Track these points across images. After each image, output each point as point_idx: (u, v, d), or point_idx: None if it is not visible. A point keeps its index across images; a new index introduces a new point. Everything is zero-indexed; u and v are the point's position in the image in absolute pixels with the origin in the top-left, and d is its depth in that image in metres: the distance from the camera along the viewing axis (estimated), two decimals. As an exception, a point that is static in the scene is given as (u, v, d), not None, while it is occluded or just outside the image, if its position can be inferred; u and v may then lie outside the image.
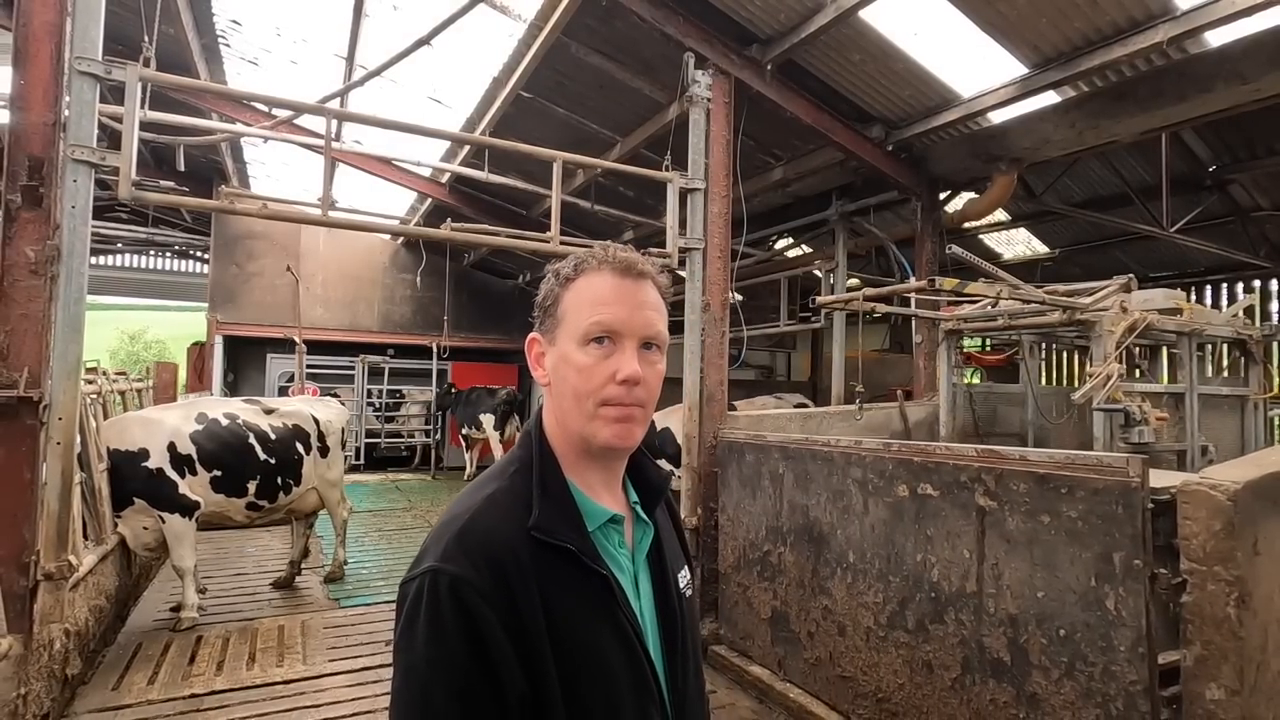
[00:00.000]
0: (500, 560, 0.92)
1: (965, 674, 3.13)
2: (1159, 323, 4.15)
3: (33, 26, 3.38)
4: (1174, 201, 7.42)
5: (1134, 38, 4.33)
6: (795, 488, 4.26)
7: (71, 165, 3.41)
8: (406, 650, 0.91)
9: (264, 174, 11.99)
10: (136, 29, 5.62)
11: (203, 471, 5.11)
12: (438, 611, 0.89)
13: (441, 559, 0.92)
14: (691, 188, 5.12)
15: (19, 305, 3.32)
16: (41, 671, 3.45)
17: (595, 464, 1.07)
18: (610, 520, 1.06)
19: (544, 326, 1.08)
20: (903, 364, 13.62)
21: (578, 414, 1.02)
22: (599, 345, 1.01)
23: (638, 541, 1.11)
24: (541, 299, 1.09)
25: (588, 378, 1.01)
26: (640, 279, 1.06)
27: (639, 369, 1.01)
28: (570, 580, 0.97)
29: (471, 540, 0.94)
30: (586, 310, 1.02)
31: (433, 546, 0.96)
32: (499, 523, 0.97)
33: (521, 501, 1.00)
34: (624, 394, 1.01)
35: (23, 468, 3.32)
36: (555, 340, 1.05)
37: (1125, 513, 2.53)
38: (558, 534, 0.97)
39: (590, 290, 1.03)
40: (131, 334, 33.96)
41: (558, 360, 1.04)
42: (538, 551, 0.96)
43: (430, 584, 0.90)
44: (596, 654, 0.96)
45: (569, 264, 1.08)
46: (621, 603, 1.00)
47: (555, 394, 1.06)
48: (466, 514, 0.98)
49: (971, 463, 3.15)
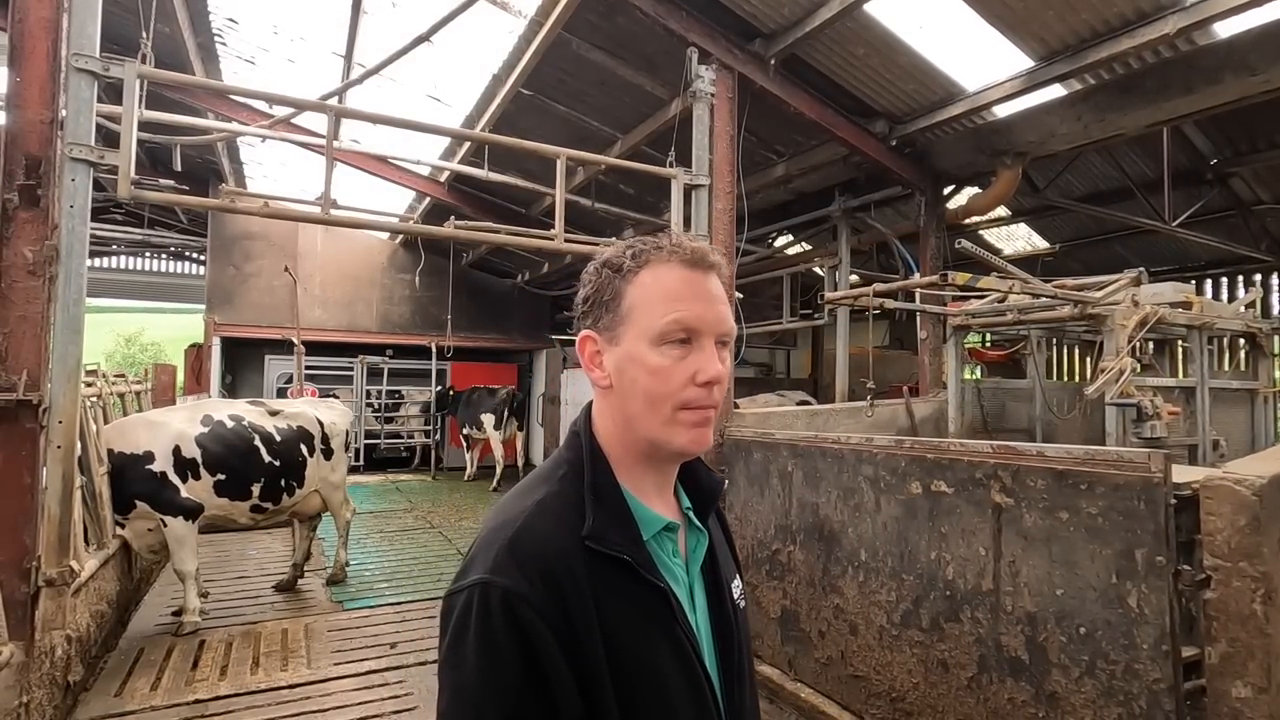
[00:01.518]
0: (554, 572, 0.87)
1: (982, 673, 3.10)
2: (1170, 316, 4.13)
3: (29, 22, 3.32)
4: (1175, 195, 7.40)
5: (1142, 29, 4.30)
6: (805, 486, 4.22)
7: (70, 164, 3.35)
8: (455, 668, 0.85)
9: (260, 174, 11.90)
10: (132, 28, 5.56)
11: (206, 475, 5.05)
12: (489, 627, 0.83)
13: (493, 570, 0.86)
14: (696, 184, 5.08)
15: (17, 307, 3.27)
16: (44, 679, 3.40)
17: (653, 469, 1.01)
18: (665, 528, 1.00)
19: (602, 324, 1.00)
20: (903, 361, 13.61)
21: (652, 418, 0.96)
22: (677, 346, 0.95)
23: (691, 550, 1.05)
24: (593, 293, 1.01)
25: (665, 380, 0.94)
26: (710, 270, 0.99)
27: (721, 368, 0.96)
28: (625, 593, 0.91)
29: (524, 551, 0.88)
30: (660, 307, 0.95)
31: (481, 555, 0.90)
32: (551, 531, 0.91)
33: (573, 507, 0.94)
34: (705, 396, 0.95)
35: (23, 472, 3.27)
36: (619, 339, 0.98)
37: (1147, 509, 2.49)
38: (613, 543, 0.92)
39: (660, 285, 0.96)
40: (127, 336, 33.78)
41: (624, 361, 0.97)
42: (592, 562, 0.90)
43: (481, 597, 0.85)
44: (654, 672, 0.90)
45: (625, 254, 1.00)
46: (679, 617, 0.95)
47: (621, 395, 0.98)
48: (518, 520, 0.92)
49: (987, 459, 3.11)
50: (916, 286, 4.48)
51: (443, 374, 13.82)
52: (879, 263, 9.99)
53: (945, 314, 5.29)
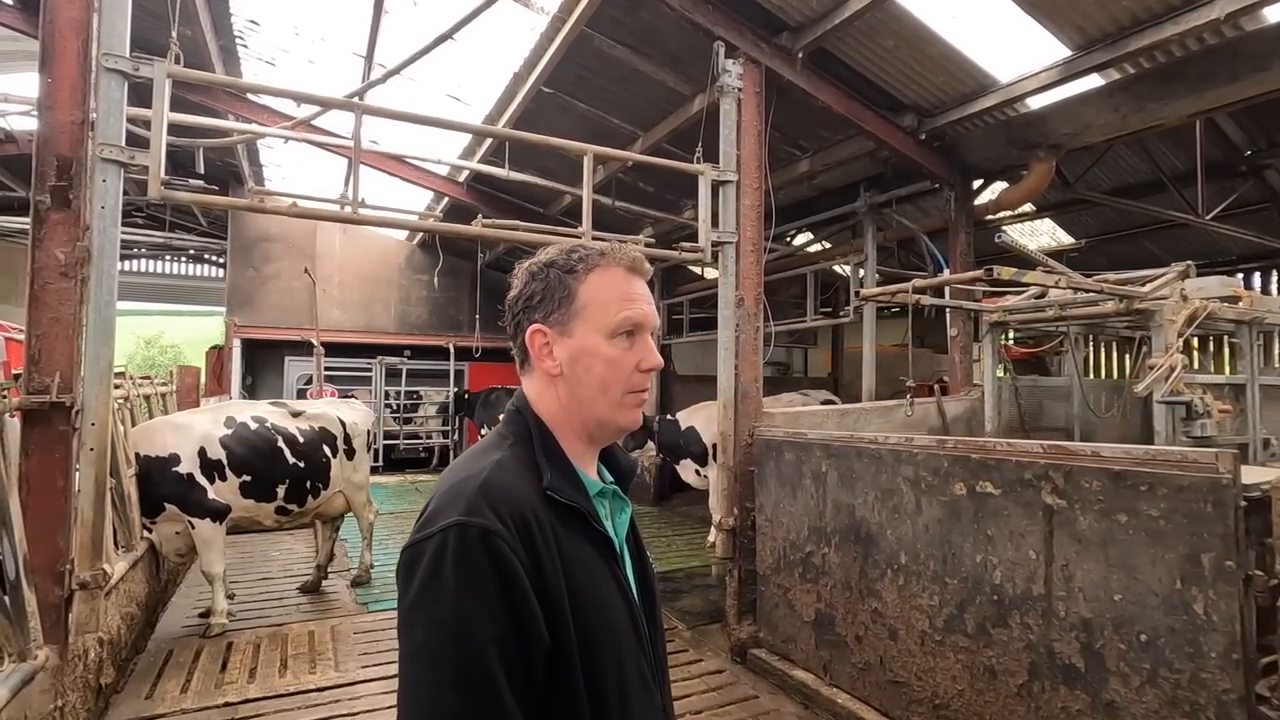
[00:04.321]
0: (522, 515, 0.94)
1: (1033, 680, 3.00)
2: (1220, 311, 3.99)
3: (59, 23, 3.30)
4: (1208, 188, 7.21)
5: (1187, 15, 4.16)
6: (840, 486, 4.13)
7: (101, 165, 3.33)
8: (430, 605, 0.87)
9: (279, 176, 11.95)
10: (155, 31, 5.56)
11: (232, 477, 5.04)
12: (471, 561, 0.88)
13: (467, 512, 0.91)
14: (724, 180, 4.99)
15: (49, 309, 3.25)
16: (77, 682, 3.38)
17: (589, 445, 1.14)
18: (599, 493, 1.12)
19: (553, 319, 1.10)
20: (923, 359, 13.43)
21: (604, 402, 1.09)
22: (625, 339, 1.09)
23: (618, 517, 1.17)
24: (542, 290, 1.11)
25: (618, 369, 1.08)
26: (645, 276, 1.15)
27: (660, 358, 1.13)
28: (581, 539, 1.02)
29: (495, 495, 0.95)
30: (615, 305, 1.09)
31: (450, 504, 0.94)
32: (515, 483, 0.99)
33: (528, 466, 1.04)
34: (645, 381, 1.12)
35: (56, 475, 3.25)
36: (572, 332, 1.09)
37: (1215, 511, 2.39)
38: (569, 495, 1.02)
39: (612, 286, 1.10)
40: (147, 339, 34.12)
41: (578, 352, 1.09)
42: (552, 509, 1.00)
43: (458, 536, 0.89)
44: (606, 611, 1.00)
45: (571, 258, 1.12)
46: (619, 564, 1.08)
47: (573, 383, 1.10)
48: (481, 474, 0.99)
49: (1037, 459, 3.02)
50: (959, 281, 4.36)
51: (460, 374, 13.81)
52: (900, 259, 9.85)
53: (981, 310, 5.16)
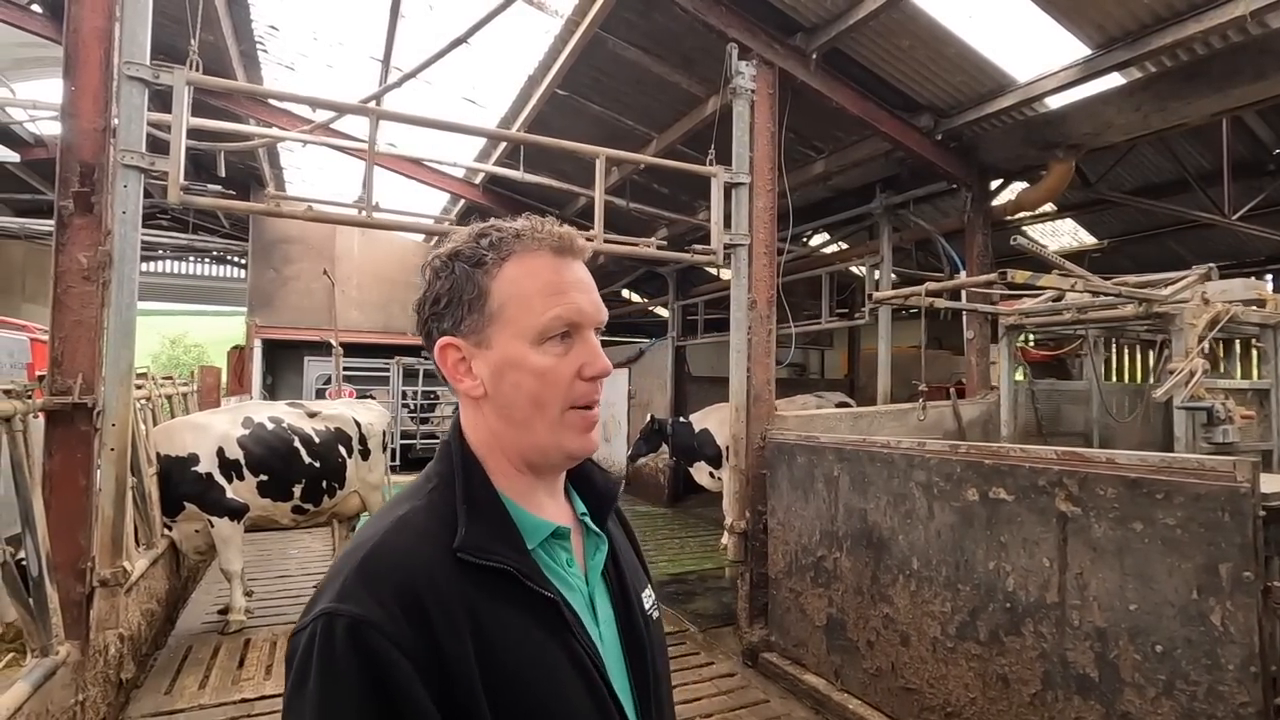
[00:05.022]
0: (414, 592, 0.76)
1: (1046, 689, 2.96)
2: (1243, 315, 3.91)
3: (83, 33, 3.38)
4: (1234, 187, 7.06)
5: (1211, 13, 4.07)
6: (852, 491, 4.11)
7: (122, 170, 3.40)
8: (298, 714, 0.73)
9: (299, 179, 12.11)
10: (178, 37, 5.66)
11: (250, 476, 5.12)
12: (332, 664, 0.72)
13: (338, 598, 0.75)
14: (736, 182, 4.98)
15: (72, 312, 3.33)
16: (98, 677, 3.46)
17: (538, 476, 0.92)
18: (554, 535, 0.90)
19: (464, 327, 0.89)
20: (940, 361, 13.28)
21: (540, 423, 0.88)
22: (559, 341, 0.87)
23: (590, 558, 0.96)
24: (448, 292, 0.89)
25: (552, 381, 0.87)
26: (580, 255, 0.92)
27: (608, 361, 0.90)
28: (509, 607, 0.82)
29: (376, 572, 0.78)
30: (538, 302, 0.86)
31: (329, 585, 0.79)
32: (413, 548, 0.81)
33: (443, 521, 0.84)
34: (591, 391, 0.89)
35: (78, 474, 3.33)
36: (489, 342, 0.88)
37: (1233, 520, 2.34)
38: (491, 554, 0.82)
39: (534, 277, 0.87)
40: (172, 338, 34.77)
41: (501, 366, 0.87)
42: (466, 577, 0.80)
43: (324, 630, 0.73)
44: (546, 693, 0.81)
45: (481, 244, 0.89)
46: (575, 629, 0.85)
47: (501, 403, 0.89)
48: (371, 541, 0.82)
49: (1051, 465, 2.98)
50: (973, 285, 4.31)
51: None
52: (918, 260, 9.75)
53: (997, 313, 5.09)
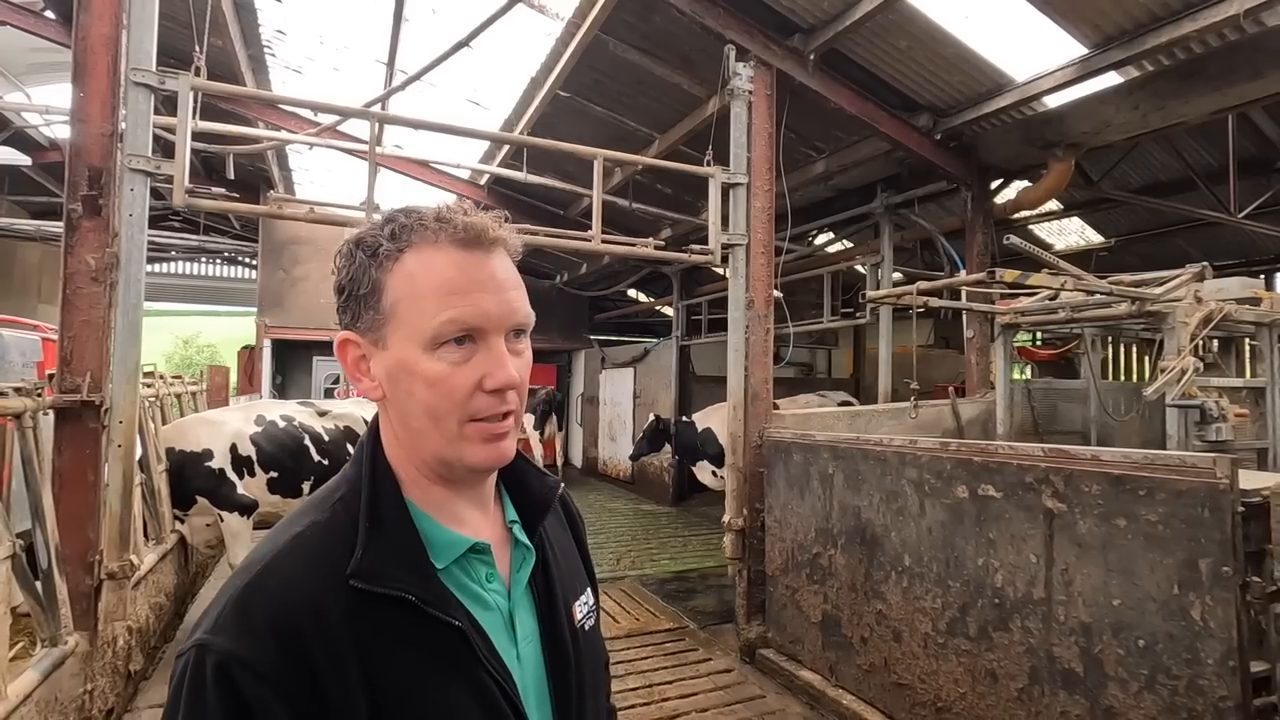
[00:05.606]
0: (294, 627, 0.72)
1: (1033, 684, 2.99)
2: (1237, 313, 3.91)
3: (90, 40, 3.47)
4: (1241, 185, 7.03)
5: (1205, 12, 4.08)
6: (846, 488, 4.14)
7: (129, 174, 3.49)
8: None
9: (308, 180, 12.25)
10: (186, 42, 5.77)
11: (260, 473, 5.23)
12: (199, 702, 0.70)
13: (213, 630, 0.72)
14: (734, 183, 5.03)
15: (81, 312, 3.42)
16: (106, 668, 3.55)
17: (453, 486, 0.86)
18: (472, 550, 0.85)
19: (362, 323, 0.83)
20: (948, 360, 13.26)
21: (435, 436, 0.81)
22: (457, 346, 0.80)
23: (516, 570, 0.90)
24: (348, 283, 0.83)
25: (446, 392, 0.79)
26: (493, 249, 0.83)
27: (514, 372, 0.82)
28: (406, 638, 0.77)
29: (256, 602, 0.73)
30: (431, 303, 0.79)
31: (211, 609, 0.76)
32: (302, 573, 0.76)
33: (340, 540, 0.78)
34: (496, 404, 0.81)
35: (86, 470, 3.42)
36: (385, 342, 0.81)
37: (1212, 516, 2.37)
38: (388, 579, 0.77)
39: (431, 274, 0.79)
40: (185, 338, 35.16)
41: (395, 369, 0.81)
42: (358, 606, 0.75)
43: (195, 664, 0.71)
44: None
45: (383, 232, 0.82)
46: (485, 656, 0.80)
47: (398, 409, 0.83)
48: (259, 563, 0.78)
49: (1038, 463, 3.00)
50: (962, 284, 4.33)
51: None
52: (923, 259, 9.75)
53: (993, 312, 5.11)
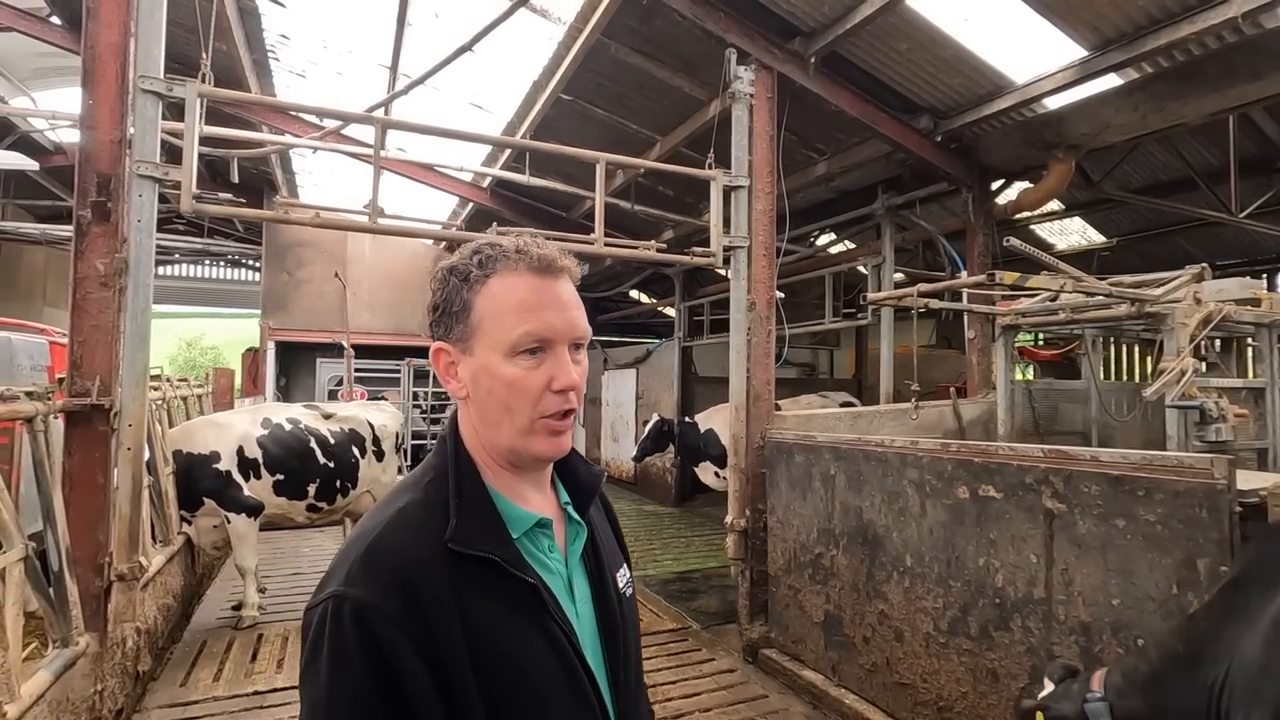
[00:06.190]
0: (411, 580, 0.88)
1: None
2: (1236, 314, 3.93)
3: (99, 48, 3.52)
4: (1243, 185, 7.05)
5: (1204, 14, 4.10)
6: (848, 489, 4.17)
7: (137, 180, 3.54)
8: (311, 683, 0.86)
9: (312, 184, 12.32)
10: (192, 48, 5.82)
11: (266, 475, 5.27)
12: (341, 641, 0.85)
13: (345, 583, 0.88)
14: (735, 185, 5.06)
15: (90, 316, 3.46)
16: (115, 668, 3.59)
17: (521, 471, 1.05)
18: (537, 525, 1.03)
19: (454, 335, 1.01)
20: (950, 360, 13.26)
21: (510, 429, 0.99)
22: (530, 355, 0.97)
23: (570, 543, 1.08)
24: (443, 302, 1.01)
25: (521, 392, 0.97)
26: (560, 275, 1.02)
27: (576, 376, 1.00)
28: (493, 592, 0.93)
29: (378, 560, 0.90)
30: (511, 319, 0.97)
31: (338, 569, 0.92)
32: (411, 538, 0.93)
33: (436, 514, 0.95)
34: (561, 402, 0.99)
35: (96, 473, 3.46)
36: (472, 350, 0.99)
37: (1210, 517, 2.39)
38: (477, 544, 0.94)
39: (510, 295, 0.98)
40: (189, 340, 35.28)
41: (479, 372, 0.99)
42: (456, 565, 0.92)
43: (334, 610, 0.86)
44: (525, 666, 0.93)
45: (472, 261, 1.00)
46: (552, 609, 0.97)
47: (479, 406, 1.01)
48: (374, 531, 0.94)
49: (1038, 463, 3.03)
50: (962, 286, 4.35)
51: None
52: (925, 260, 9.77)
53: (994, 313, 5.13)
